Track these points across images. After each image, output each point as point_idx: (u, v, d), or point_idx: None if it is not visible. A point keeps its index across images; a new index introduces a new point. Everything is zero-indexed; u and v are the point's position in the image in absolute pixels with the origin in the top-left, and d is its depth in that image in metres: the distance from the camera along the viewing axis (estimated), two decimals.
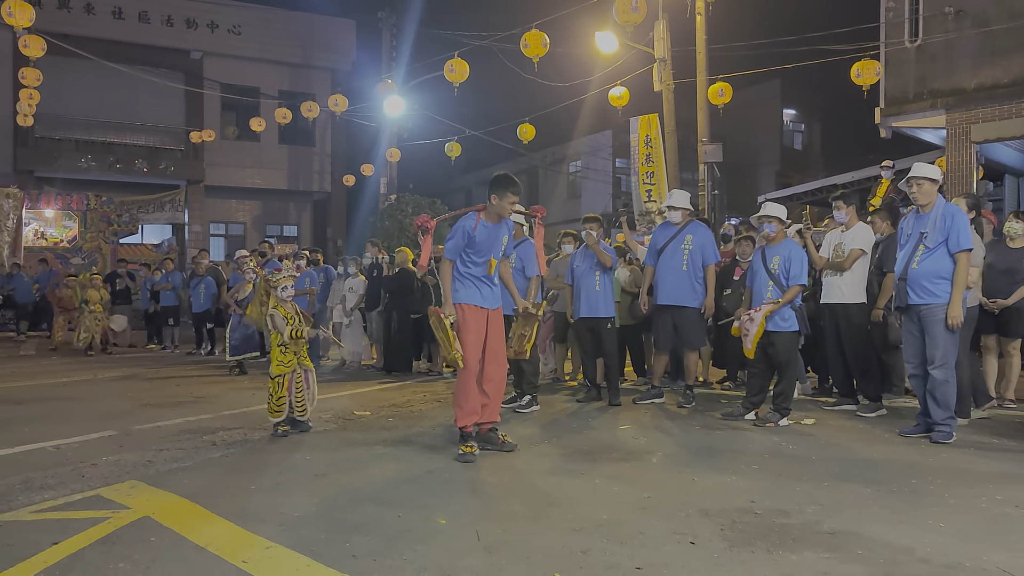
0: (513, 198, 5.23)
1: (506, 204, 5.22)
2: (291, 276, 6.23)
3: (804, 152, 33.92)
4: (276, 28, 25.17)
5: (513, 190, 5.23)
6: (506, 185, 5.22)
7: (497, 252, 5.35)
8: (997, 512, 3.80)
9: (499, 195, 5.20)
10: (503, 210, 5.24)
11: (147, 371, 10.70)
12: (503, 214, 5.27)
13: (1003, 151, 14.18)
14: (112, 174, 22.68)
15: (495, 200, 5.22)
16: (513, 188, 5.24)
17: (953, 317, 5.41)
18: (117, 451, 5.32)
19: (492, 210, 5.25)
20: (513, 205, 5.26)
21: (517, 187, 5.27)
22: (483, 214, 5.27)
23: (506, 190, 5.20)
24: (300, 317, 6.13)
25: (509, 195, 5.19)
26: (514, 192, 5.23)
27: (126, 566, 3.12)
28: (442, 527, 3.60)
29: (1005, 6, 12.31)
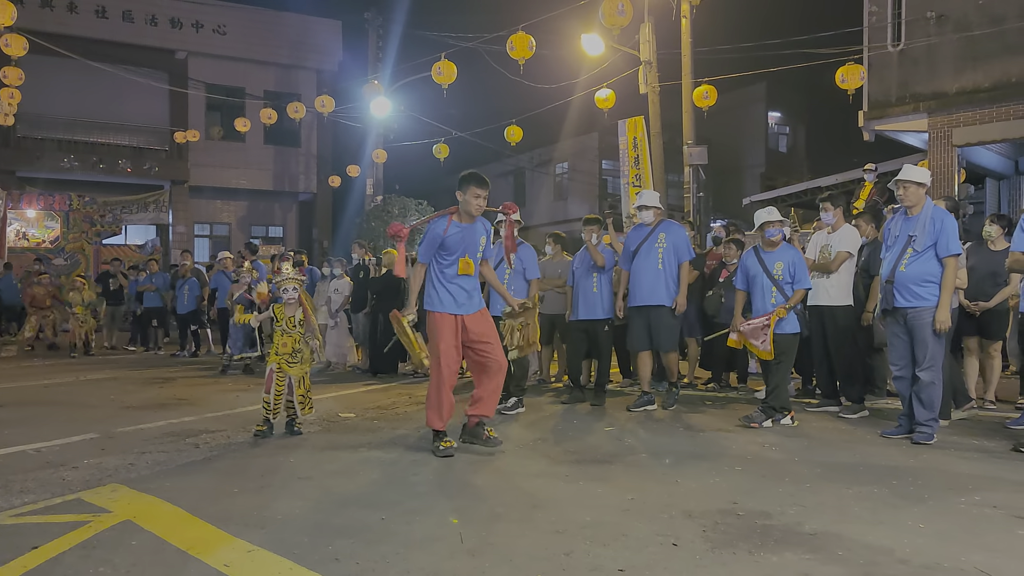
0: (477, 191, 5.19)
1: (471, 199, 5.19)
2: (294, 279, 6.15)
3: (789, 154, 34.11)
4: (262, 28, 25.05)
5: (476, 184, 5.20)
6: (469, 180, 5.22)
7: (473, 252, 5.31)
8: (975, 513, 3.84)
9: (463, 190, 5.21)
10: (470, 206, 5.20)
11: (130, 373, 10.62)
12: (471, 211, 5.23)
13: (984, 155, 14.33)
14: (95, 174, 22.48)
15: (460, 196, 5.23)
16: (476, 182, 5.21)
17: (941, 321, 5.45)
18: (99, 454, 5.28)
19: (461, 208, 5.25)
20: (478, 199, 5.20)
21: (482, 182, 5.23)
22: (455, 215, 5.26)
23: (469, 184, 5.20)
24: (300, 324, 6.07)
25: (472, 188, 5.18)
26: (478, 186, 5.20)
27: (106, 570, 3.10)
28: (425, 530, 3.60)
29: (986, 11, 12.44)
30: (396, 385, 9.25)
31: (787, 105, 33.45)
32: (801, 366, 8.05)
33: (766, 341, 6.27)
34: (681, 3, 15.12)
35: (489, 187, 5.30)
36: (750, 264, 6.52)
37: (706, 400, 7.81)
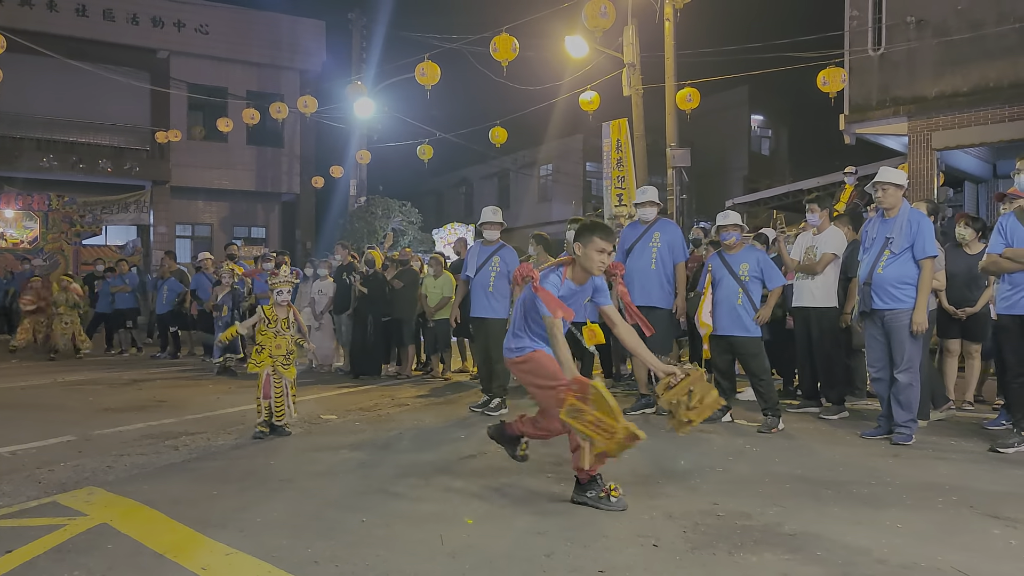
0: (602, 244, 4.04)
1: (593, 253, 4.03)
2: (289, 281, 6.13)
3: (771, 157, 34.33)
4: (244, 28, 24.93)
5: (602, 235, 4.05)
6: (593, 230, 4.07)
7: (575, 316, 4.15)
8: (952, 513, 3.87)
9: (584, 242, 4.06)
10: (591, 262, 4.05)
11: (109, 375, 10.51)
12: (591, 268, 4.08)
13: (963, 158, 14.49)
14: (75, 174, 22.28)
15: (580, 250, 4.08)
16: (602, 233, 4.06)
17: (918, 323, 5.50)
18: (76, 457, 5.23)
19: (579, 263, 4.12)
20: (602, 254, 4.05)
21: (609, 233, 4.12)
22: (568, 269, 4.15)
23: (592, 235, 4.04)
24: (292, 324, 6.06)
25: (597, 240, 4.03)
26: (604, 238, 4.05)
27: (81, 574, 3.06)
28: (406, 532, 3.58)
29: (964, 16, 12.58)
30: (379, 387, 9.21)
31: (769, 108, 33.65)
32: (782, 367, 8.11)
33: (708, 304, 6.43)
34: (664, 6, 15.19)
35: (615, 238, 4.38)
36: (715, 267, 6.57)
37: None
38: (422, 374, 10.21)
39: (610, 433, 3.65)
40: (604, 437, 3.67)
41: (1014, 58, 12.06)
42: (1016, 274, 5.23)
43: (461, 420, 6.79)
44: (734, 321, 6.36)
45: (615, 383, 9.04)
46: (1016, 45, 12.04)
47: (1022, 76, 11.74)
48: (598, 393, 3.68)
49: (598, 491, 3.96)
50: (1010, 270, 5.27)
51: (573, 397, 3.75)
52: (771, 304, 6.44)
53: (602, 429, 3.66)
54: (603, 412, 3.65)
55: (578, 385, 3.76)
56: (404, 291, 10.04)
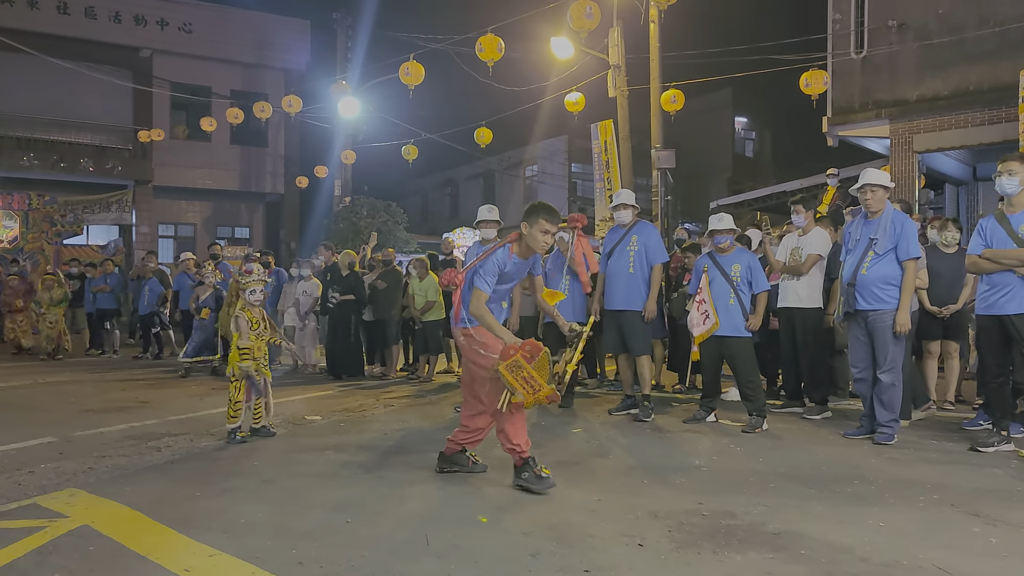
0: (546, 225, 4.44)
1: (537, 233, 4.44)
2: (261, 280, 6.10)
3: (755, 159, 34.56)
4: (228, 27, 24.76)
5: (546, 216, 4.45)
6: (537, 211, 4.46)
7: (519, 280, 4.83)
8: (934, 511, 3.91)
9: (530, 222, 4.46)
10: (535, 241, 4.47)
11: (90, 376, 10.42)
12: (536, 247, 4.51)
13: (943, 161, 14.63)
14: (56, 173, 22.03)
15: (525, 228, 4.49)
16: (546, 214, 4.46)
17: (901, 324, 5.55)
18: (56, 458, 5.17)
19: (525, 240, 4.52)
20: (546, 235, 4.46)
21: (553, 214, 4.50)
22: (515, 246, 4.54)
23: (537, 215, 4.44)
24: (267, 324, 6.06)
25: (541, 221, 4.42)
26: (548, 219, 4.45)
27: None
28: (391, 533, 3.58)
29: (945, 21, 12.72)
30: (363, 388, 9.18)
31: (753, 110, 33.89)
32: (766, 368, 8.15)
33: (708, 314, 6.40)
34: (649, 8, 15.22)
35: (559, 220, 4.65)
36: (708, 267, 6.60)
37: (673, 402, 7.87)
38: (407, 375, 10.19)
39: (535, 390, 4.14)
40: (528, 392, 4.14)
41: (994, 62, 12.20)
42: (995, 275, 5.29)
43: (447, 421, 6.77)
44: (726, 321, 6.39)
45: (599, 384, 9.07)
46: (995, 49, 12.18)
47: (1002, 80, 11.86)
48: (545, 357, 4.20)
49: (532, 472, 4.32)
50: (989, 270, 5.32)
51: (521, 354, 4.16)
52: (760, 311, 6.48)
53: (530, 385, 4.13)
54: (539, 373, 4.15)
55: (531, 347, 4.21)
56: (387, 291, 10.01)
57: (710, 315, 6.43)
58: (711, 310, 6.43)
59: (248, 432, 5.87)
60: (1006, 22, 11.98)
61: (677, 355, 8.78)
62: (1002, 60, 11.99)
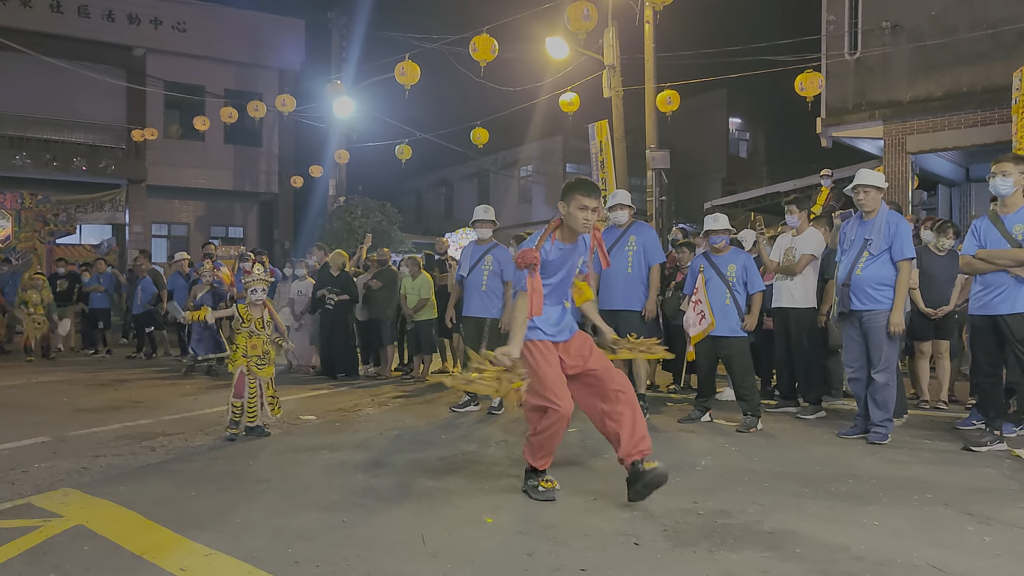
0: (584, 200, 3.99)
1: (576, 211, 4.01)
2: (264, 279, 6.10)
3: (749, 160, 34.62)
4: (222, 26, 24.68)
5: (583, 191, 4.01)
6: (574, 188, 4.05)
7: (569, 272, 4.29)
8: (928, 510, 3.93)
9: (567, 200, 4.05)
10: (575, 220, 4.03)
11: (83, 375, 10.38)
12: (577, 226, 4.06)
13: (937, 162, 14.69)
14: (49, 172, 21.93)
15: (563, 208, 4.08)
16: (584, 189, 4.02)
17: (895, 324, 5.57)
18: (50, 458, 5.16)
19: (565, 223, 4.11)
20: (585, 211, 4.00)
21: (591, 188, 4.05)
22: (557, 231, 4.12)
23: (574, 192, 4.03)
24: (268, 323, 6.02)
25: (579, 197, 4.00)
26: (585, 194, 4.00)
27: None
28: (387, 532, 3.57)
29: (938, 22, 12.76)
30: (358, 388, 9.17)
31: (747, 111, 33.96)
32: (759, 367, 8.17)
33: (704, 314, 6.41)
34: (644, 8, 15.26)
35: (600, 194, 4.23)
36: (705, 267, 6.61)
37: (668, 402, 7.88)
38: (402, 375, 10.18)
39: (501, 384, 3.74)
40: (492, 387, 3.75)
41: (986, 63, 12.25)
42: (988, 275, 5.31)
43: (441, 421, 6.78)
44: (721, 322, 6.41)
45: None
46: (988, 51, 12.23)
47: (994, 81, 11.91)
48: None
49: (535, 482, 4.22)
50: (983, 271, 5.35)
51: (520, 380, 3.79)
52: (756, 311, 6.49)
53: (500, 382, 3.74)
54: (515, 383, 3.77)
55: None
56: (383, 291, 10.00)
57: (706, 315, 6.44)
58: (707, 310, 6.44)
59: (237, 430, 5.85)
60: (998, 24, 12.03)
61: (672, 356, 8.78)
62: (995, 62, 12.04)
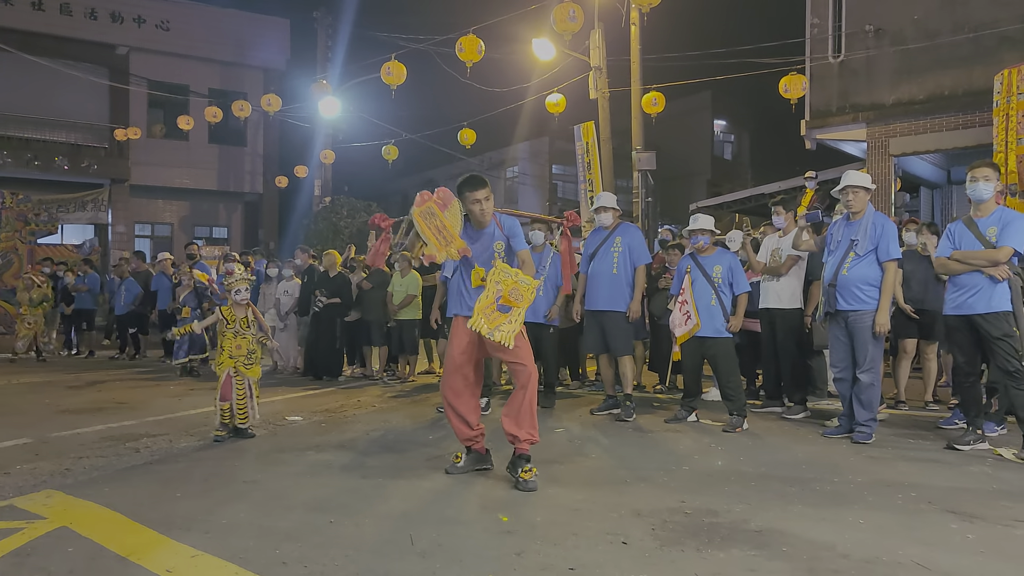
0: (470, 194, 4.56)
1: (468, 205, 4.58)
2: (246, 279, 6.08)
3: (733, 162, 34.82)
4: (206, 25, 24.53)
5: (468, 187, 4.58)
6: (462, 185, 4.63)
7: (485, 261, 4.65)
8: (912, 508, 3.96)
9: (461, 197, 4.61)
10: (471, 213, 4.61)
11: (66, 376, 10.28)
12: (475, 217, 4.62)
13: (919, 164, 14.83)
14: (30, 171, 21.70)
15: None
16: (468, 185, 4.59)
17: (881, 324, 5.62)
18: (32, 459, 5.10)
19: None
20: (476, 204, 4.56)
21: (474, 183, 4.60)
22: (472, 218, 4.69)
23: (462, 189, 4.61)
24: (253, 323, 6.01)
25: (465, 192, 4.58)
26: (470, 188, 4.57)
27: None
28: (375, 532, 3.56)
29: (921, 26, 12.89)
30: (344, 389, 9.14)
31: (732, 114, 34.16)
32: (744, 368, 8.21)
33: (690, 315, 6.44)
34: (631, 10, 15.30)
35: (486, 186, 4.62)
36: (691, 268, 6.63)
37: (654, 402, 7.91)
38: (387, 376, 10.15)
39: (447, 241, 4.34)
40: (441, 243, 4.34)
41: (968, 67, 12.38)
42: (963, 276, 5.37)
43: (428, 421, 6.77)
44: (707, 322, 6.43)
45: (580, 385, 9.09)
46: (970, 55, 12.36)
47: (976, 85, 12.03)
48: (456, 206, 4.43)
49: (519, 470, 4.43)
50: (958, 271, 5.40)
51: (433, 201, 4.38)
52: (741, 312, 6.52)
53: (443, 236, 4.34)
54: (450, 224, 4.35)
55: (443, 194, 4.43)
56: (373, 292, 9.96)
57: (692, 316, 6.47)
58: (693, 311, 6.47)
59: (223, 432, 5.81)
60: (980, 28, 12.16)
61: (657, 355, 8.83)
62: (976, 65, 12.17)
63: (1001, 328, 5.18)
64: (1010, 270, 5.23)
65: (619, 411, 6.88)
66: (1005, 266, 5.18)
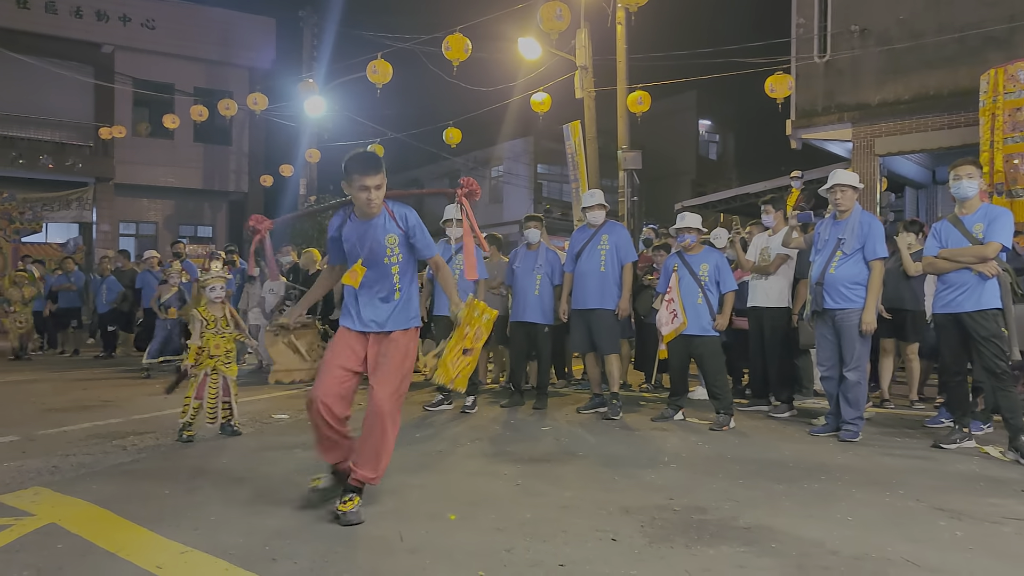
0: (360, 179, 3.72)
1: (356, 192, 3.77)
2: (221, 277, 6.05)
3: (718, 162, 34.99)
4: (192, 24, 24.41)
5: (359, 169, 3.72)
6: (349, 166, 3.76)
7: (373, 256, 3.93)
8: (900, 506, 3.99)
9: (347, 180, 3.80)
10: (357, 200, 3.81)
11: (51, 375, 10.20)
12: (360, 207, 3.84)
13: (904, 164, 14.94)
14: (14, 170, 21.51)
15: (345, 187, 3.85)
16: (359, 167, 3.72)
17: (867, 323, 5.66)
18: (19, 457, 5.06)
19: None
20: (365, 192, 3.74)
21: (367, 165, 3.73)
22: (355, 207, 3.93)
23: (350, 171, 3.75)
24: (231, 321, 5.98)
25: (355, 176, 3.74)
26: (361, 172, 3.72)
27: (31, 574, 2.97)
28: (365, 529, 3.55)
29: (906, 26, 12.98)
30: None
31: (717, 113, 34.32)
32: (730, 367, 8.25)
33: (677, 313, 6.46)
34: (617, 10, 15.34)
35: (381, 171, 3.77)
36: (679, 267, 6.65)
37: (640, 400, 7.93)
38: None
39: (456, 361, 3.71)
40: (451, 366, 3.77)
41: (953, 67, 12.48)
42: (950, 274, 5.40)
43: (415, 419, 6.76)
44: (694, 321, 6.45)
45: (566, 383, 9.10)
46: (955, 55, 12.47)
47: (961, 85, 12.14)
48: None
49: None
50: (946, 270, 5.44)
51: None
52: (727, 311, 6.56)
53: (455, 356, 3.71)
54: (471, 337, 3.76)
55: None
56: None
57: (678, 314, 6.49)
58: (679, 309, 6.49)
59: (192, 431, 5.74)
60: (965, 28, 12.26)
61: (643, 354, 8.85)
62: (961, 65, 12.27)
63: (989, 328, 5.20)
64: (999, 266, 5.28)
65: (605, 409, 6.89)
66: (993, 262, 5.22)
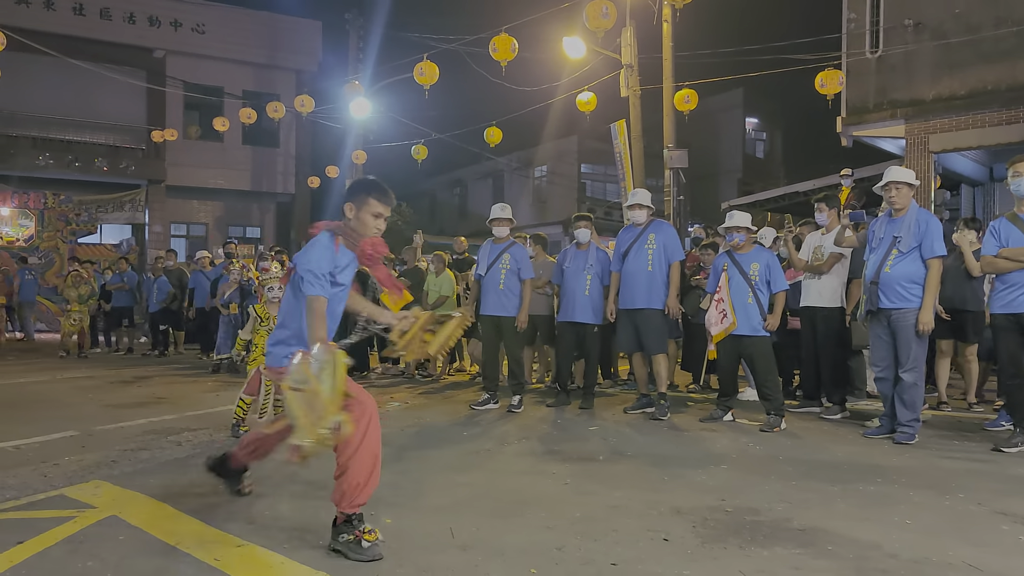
0: (380, 206, 3.48)
1: (367, 217, 3.47)
2: (279, 277, 6.17)
3: (766, 160, 34.46)
4: (241, 28, 24.86)
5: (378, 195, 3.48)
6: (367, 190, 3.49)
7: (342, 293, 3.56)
8: (961, 509, 3.89)
9: (357, 203, 3.47)
10: (366, 227, 3.48)
11: (106, 372, 10.48)
12: (365, 233, 3.50)
13: (959, 161, 14.54)
14: (71, 172, 22.15)
15: (351, 211, 3.47)
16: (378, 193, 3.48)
17: (924, 323, 5.51)
18: (79, 451, 5.21)
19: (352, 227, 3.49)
20: (379, 219, 3.49)
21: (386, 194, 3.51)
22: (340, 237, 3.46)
23: (368, 195, 3.47)
24: None
25: (371, 202, 3.46)
26: (384, 199, 3.50)
27: (95, 564, 3.05)
28: (415, 525, 3.58)
29: (962, 20, 12.63)
30: (374, 385, 9.20)
31: (764, 111, 33.82)
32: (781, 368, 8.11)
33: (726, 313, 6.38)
34: (663, 7, 15.20)
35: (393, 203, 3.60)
36: (728, 266, 6.56)
37: (688, 401, 7.85)
38: (419, 373, 10.19)
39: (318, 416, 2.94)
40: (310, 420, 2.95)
41: (1011, 61, 12.11)
42: (1011, 273, 5.25)
43: (462, 418, 6.79)
44: (743, 321, 6.37)
45: (613, 384, 9.05)
46: (1013, 48, 12.10)
47: (1019, 79, 11.78)
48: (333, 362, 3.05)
49: (350, 533, 3.20)
50: (1007, 269, 5.29)
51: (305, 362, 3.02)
52: (779, 311, 6.46)
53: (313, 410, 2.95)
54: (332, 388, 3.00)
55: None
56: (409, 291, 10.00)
57: (728, 314, 6.41)
58: (729, 309, 6.41)
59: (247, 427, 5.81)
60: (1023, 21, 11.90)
61: (691, 354, 8.76)
62: (1019, 60, 11.91)
63: None
64: None
65: (653, 409, 6.83)
66: None
